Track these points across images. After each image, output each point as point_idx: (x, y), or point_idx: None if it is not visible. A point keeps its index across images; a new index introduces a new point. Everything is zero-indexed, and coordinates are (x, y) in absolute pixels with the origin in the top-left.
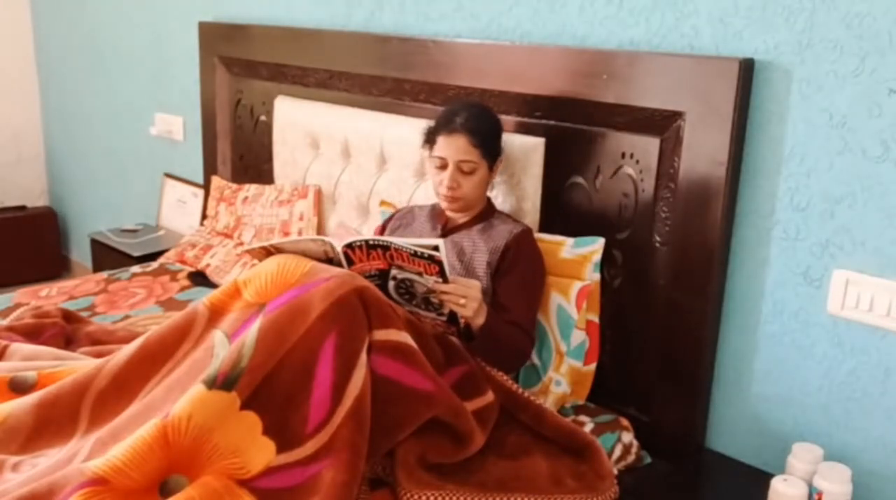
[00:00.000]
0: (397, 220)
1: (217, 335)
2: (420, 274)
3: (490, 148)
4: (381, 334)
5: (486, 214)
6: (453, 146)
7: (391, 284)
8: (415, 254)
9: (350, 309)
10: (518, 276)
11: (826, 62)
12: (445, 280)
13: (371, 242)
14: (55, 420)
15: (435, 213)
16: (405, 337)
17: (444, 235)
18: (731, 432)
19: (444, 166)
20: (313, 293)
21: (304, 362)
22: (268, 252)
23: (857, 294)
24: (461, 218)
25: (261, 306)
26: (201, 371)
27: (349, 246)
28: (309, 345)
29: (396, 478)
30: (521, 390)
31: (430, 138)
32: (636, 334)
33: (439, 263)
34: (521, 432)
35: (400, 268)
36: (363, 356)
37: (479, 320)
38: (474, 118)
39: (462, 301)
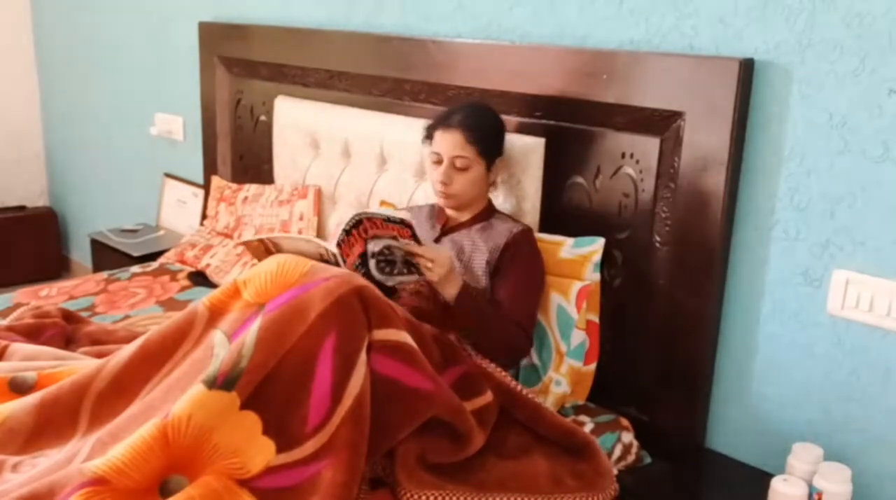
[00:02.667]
0: None
1: (217, 335)
2: (395, 238)
3: (487, 146)
4: (380, 334)
5: (487, 213)
6: (448, 142)
7: (371, 263)
8: (387, 219)
9: (350, 309)
10: (516, 274)
11: (826, 62)
12: (418, 243)
13: (346, 227)
14: (55, 421)
15: (434, 212)
16: (405, 337)
17: (443, 234)
18: (731, 432)
19: (439, 162)
20: (313, 293)
21: (303, 361)
22: (265, 247)
23: (857, 294)
24: (461, 217)
25: (260, 305)
26: (201, 371)
27: (338, 245)
28: (308, 345)
29: (396, 478)
30: (519, 388)
31: (428, 134)
32: (636, 334)
33: (410, 226)
34: (520, 432)
35: (376, 238)
36: (363, 356)
37: (451, 291)
38: (472, 115)
39: (430, 264)
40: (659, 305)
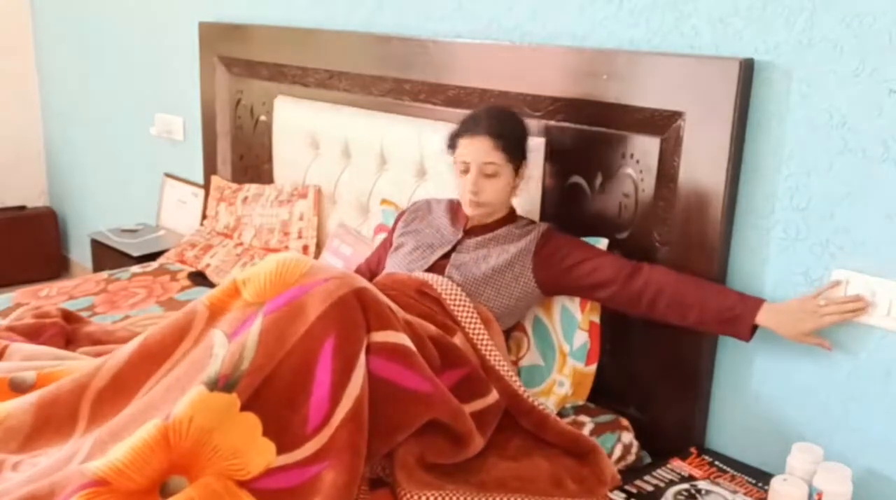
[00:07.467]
0: (411, 213)
1: (217, 335)
2: None
3: (514, 151)
4: (379, 336)
5: (509, 218)
6: (476, 149)
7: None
8: None
9: (349, 310)
10: (580, 250)
11: (826, 62)
12: None
13: None
14: (55, 419)
15: (453, 208)
16: (403, 339)
17: (466, 235)
18: (731, 432)
19: (467, 170)
20: (312, 294)
21: (303, 363)
22: None
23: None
24: (485, 219)
25: (259, 305)
26: (200, 371)
27: None
28: (308, 346)
29: (396, 479)
30: (526, 394)
31: (452, 142)
32: (636, 335)
33: None
34: (524, 434)
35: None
36: (362, 358)
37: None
38: (497, 120)
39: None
40: None
